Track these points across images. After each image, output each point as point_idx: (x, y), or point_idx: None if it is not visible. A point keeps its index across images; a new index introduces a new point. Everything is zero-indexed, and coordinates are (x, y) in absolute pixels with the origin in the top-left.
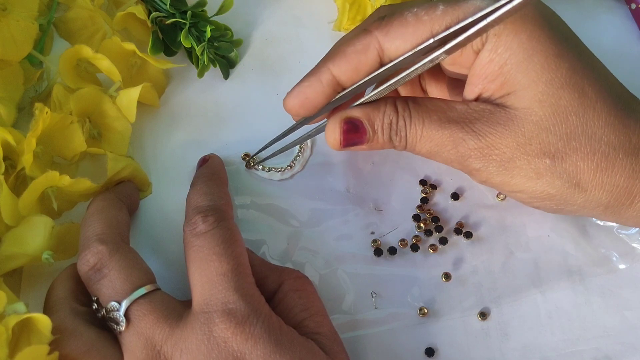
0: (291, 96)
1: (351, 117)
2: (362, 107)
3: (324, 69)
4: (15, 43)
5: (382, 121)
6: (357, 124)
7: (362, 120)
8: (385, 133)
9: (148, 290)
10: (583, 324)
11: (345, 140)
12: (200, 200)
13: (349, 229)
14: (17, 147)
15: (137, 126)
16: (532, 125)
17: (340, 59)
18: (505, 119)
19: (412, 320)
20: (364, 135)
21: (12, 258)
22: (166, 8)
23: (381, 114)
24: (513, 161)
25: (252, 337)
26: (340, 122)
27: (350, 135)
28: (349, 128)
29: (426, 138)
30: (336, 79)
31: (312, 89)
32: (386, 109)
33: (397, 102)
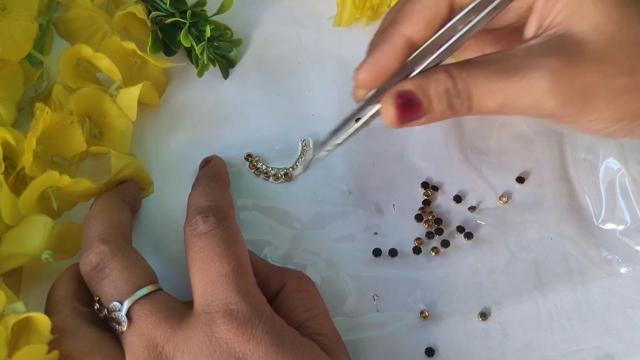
0: (365, 69)
1: (403, 90)
2: (413, 79)
3: (396, 34)
4: (15, 43)
5: (437, 88)
6: (410, 96)
7: (415, 91)
8: (443, 100)
9: (150, 291)
10: (584, 324)
11: (401, 116)
12: (201, 201)
13: (350, 230)
14: (17, 147)
15: (138, 126)
16: (605, 43)
17: (411, 19)
18: (575, 45)
19: (413, 323)
20: (420, 108)
21: (12, 258)
22: (166, 7)
23: (434, 82)
24: (592, 88)
25: (254, 338)
26: (392, 98)
27: (406, 111)
28: (403, 102)
29: (495, 91)
30: (409, 40)
31: (387, 55)
32: (439, 75)
33: (451, 67)
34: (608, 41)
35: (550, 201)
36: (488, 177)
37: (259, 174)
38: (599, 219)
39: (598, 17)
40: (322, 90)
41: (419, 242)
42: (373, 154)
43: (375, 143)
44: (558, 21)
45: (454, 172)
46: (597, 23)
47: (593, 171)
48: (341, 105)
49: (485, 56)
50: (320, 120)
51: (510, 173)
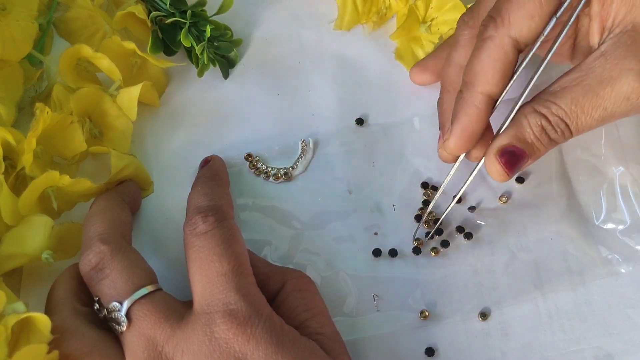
0: (455, 136)
1: (502, 146)
2: (506, 132)
3: (476, 95)
4: (15, 43)
5: (533, 132)
6: (511, 150)
7: (514, 144)
8: (543, 139)
9: (149, 291)
10: (584, 324)
11: (510, 170)
12: (200, 201)
13: (350, 230)
14: (17, 147)
15: (138, 126)
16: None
17: (485, 76)
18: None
19: (413, 323)
20: (524, 155)
21: (12, 258)
22: (166, 7)
23: (527, 127)
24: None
25: (254, 338)
26: (495, 157)
27: (512, 163)
28: (507, 158)
29: (590, 111)
30: (490, 96)
31: (474, 118)
32: (529, 119)
33: (535, 106)
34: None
35: (550, 201)
36: (488, 177)
37: (259, 173)
38: (599, 218)
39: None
40: (322, 90)
41: (418, 242)
42: (373, 154)
43: (375, 143)
44: (620, 18)
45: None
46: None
47: (593, 171)
48: (341, 105)
49: (562, 80)
50: (321, 120)
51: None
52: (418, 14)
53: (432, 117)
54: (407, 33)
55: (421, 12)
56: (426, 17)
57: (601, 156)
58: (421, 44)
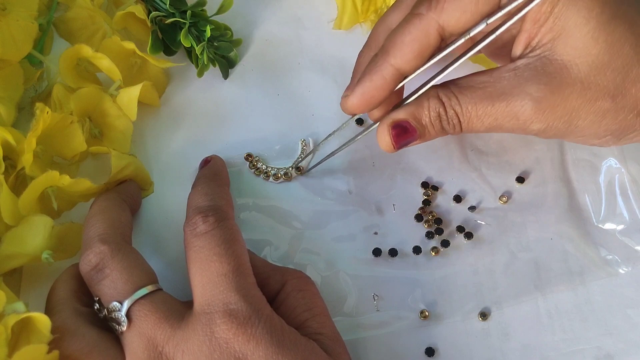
0: (355, 97)
1: (397, 119)
2: (406, 107)
3: (385, 65)
4: (15, 43)
5: (429, 116)
6: (404, 125)
7: (409, 120)
8: (436, 125)
9: (150, 291)
10: (584, 324)
11: (397, 143)
12: (200, 201)
13: (350, 230)
14: (17, 147)
15: (138, 126)
16: (588, 68)
17: (401, 50)
18: (558, 69)
19: (413, 323)
20: (415, 134)
21: (12, 258)
22: (166, 7)
23: (426, 110)
24: (575, 111)
25: (254, 338)
26: (388, 127)
27: (401, 137)
28: (398, 132)
29: (482, 117)
30: (399, 71)
31: (377, 86)
32: (430, 103)
33: (440, 93)
34: (592, 65)
35: (550, 201)
36: (488, 177)
37: (258, 173)
38: (599, 218)
39: (583, 40)
40: (322, 90)
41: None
42: (373, 154)
43: (375, 143)
44: (544, 42)
45: (454, 172)
46: (582, 47)
47: (593, 171)
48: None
49: (473, 78)
50: (320, 120)
51: (510, 173)
52: None
53: None
54: None
55: None
56: None
57: (601, 156)
58: None
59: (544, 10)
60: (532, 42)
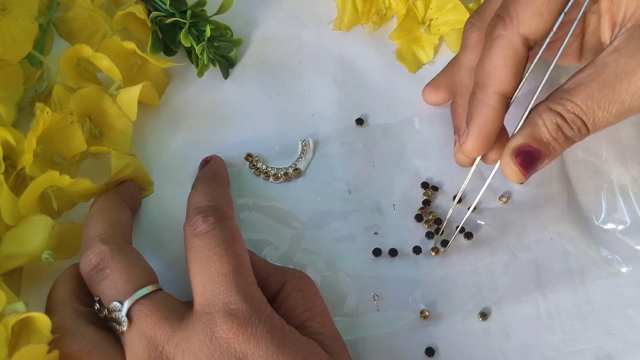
0: (472, 139)
1: (517, 146)
2: (521, 132)
3: (489, 96)
4: (15, 43)
5: (548, 130)
6: (526, 150)
7: (529, 144)
8: (559, 137)
9: (150, 291)
10: (584, 324)
11: (526, 170)
12: (200, 201)
13: (350, 230)
14: (17, 147)
15: (138, 126)
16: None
17: (498, 76)
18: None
19: (413, 323)
20: (540, 155)
21: (12, 257)
22: (166, 7)
23: (542, 126)
24: None
25: (255, 338)
26: (511, 157)
27: (528, 163)
28: (523, 158)
29: (607, 106)
30: (504, 95)
31: (489, 119)
32: (543, 118)
33: (550, 104)
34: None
35: (550, 201)
36: (488, 177)
37: (258, 173)
38: (599, 219)
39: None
40: (322, 90)
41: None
42: (373, 154)
43: (375, 143)
44: (631, 13)
45: (454, 172)
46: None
47: (593, 171)
48: (341, 105)
49: (576, 77)
50: (321, 120)
51: None
52: (417, 14)
53: (432, 117)
54: (407, 33)
55: (420, 12)
56: (425, 17)
57: (601, 156)
58: (422, 45)
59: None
60: (618, 18)
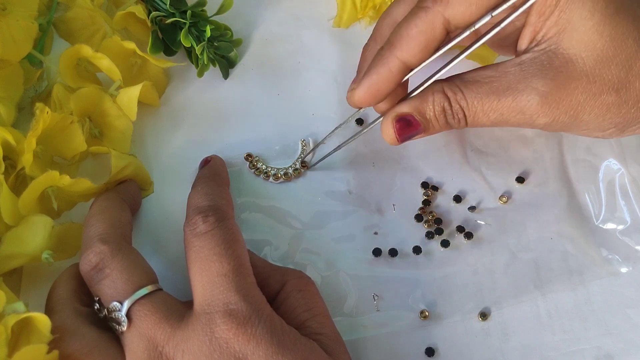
0: (361, 90)
1: (401, 113)
2: (410, 101)
3: (391, 58)
4: (15, 43)
5: (434, 110)
6: (408, 118)
7: (413, 114)
8: (440, 120)
9: (150, 291)
10: (584, 324)
11: (400, 136)
12: (200, 201)
13: (350, 230)
14: (17, 147)
15: (138, 126)
16: (593, 61)
17: (407, 44)
18: (564, 63)
19: (413, 323)
20: (418, 127)
21: (12, 257)
22: (166, 7)
23: (430, 104)
24: (581, 105)
25: (254, 338)
26: (392, 120)
27: (405, 130)
28: (402, 125)
29: (488, 111)
30: (405, 64)
31: (383, 79)
32: (435, 98)
33: (445, 87)
34: (597, 58)
35: (550, 201)
36: (488, 177)
37: (258, 173)
38: (599, 218)
39: (588, 34)
40: (322, 89)
41: None
42: (373, 154)
43: (375, 143)
44: (549, 36)
45: (454, 172)
46: (587, 40)
47: (593, 171)
48: (341, 105)
49: (478, 73)
50: (321, 119)
51: (510, 173)
52: None
53: None
54: None
55: None
56: None
57: (601, 156)
58: None
59: (549, 4)
60: (538, 35)
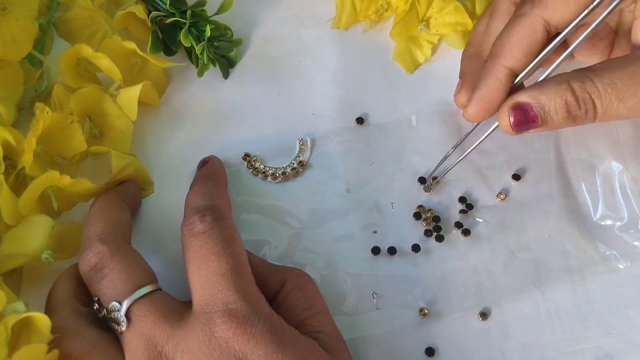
0: (474, 105)
1: (519, 102)
2: (530, 90)
3: (498, 67)
4: (15, 43)
5: (556, 101)
6: (526, 109)
7: (531, 104)
8: (561, 112)
9: (149, 290)
10: (584, 323)
11: (516, 126)
12: (198, 201)
13: (349, 229)
14: (17, 147)
15: (138, 126)
16: None
17: (511, 51)
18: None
19: (413, 321)
20: (536, 120)
21: (12, 257)
22: (166, 7)
23: (552, 95)
24: None
25: (254, 337)
26: (509, 109)
27: (522, 121)
28: (519, 114)
29: (625, 98)
30: (512, 70)
31: (494, 89)
32: (558, 87)
33: (571, 78)
34: None
35: (548, 199)
36: (486, 174)
37: (257, 173)
38: (597, 215)
39: None
40: (322, 89)
41: None
42: (372, 153)
43: (374, 142)
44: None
45: (453, 170)
46: None
47: (591, 170)
48: (342, 104)
49: (607, 62)
50: (321, 119)
51: (508, 171)
52: (419, 10)
53: (430, 115)
54: (406, 30)
55: (422, 9)
56: (425, 15)
57: (599, 156)
58: (419, 45)
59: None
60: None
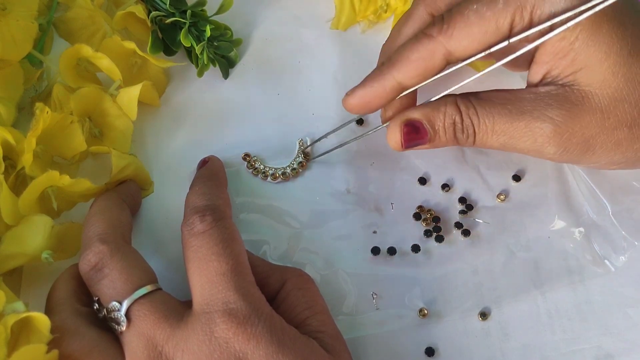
0: (352, 98)
1: (411, 119)
2: (422, 108)
3: (388, 77)
4: (15, 43)
5: (444, 121)
6: (417, 125)
7: (422, 121)
8: (448, 132)
9: (149, 290)
10: (584, 323)
11: (406, 142)
12: (198, 200)
13: (349, 229)
14: (17, 147)
15: (138, 126)
16: (608, 99)
17: (406, 67)
18: (579, 98)
19: (412, 321)
20: (425, 136)
21: (12, 257)
22: (166, 7)
23: (442, 115)
24: (593, 138)
25: (254, 337)
26: (400, 124)
27: (411, 137)
28: (409, 130)
29: (499, 132)
30: (400, 84)
31: (375, 94)
32: (447, 109)
33: (459, 101)
34: (611, 97)
35: (547, 199)
36: (486, 175)
37: (256, 173)
38: (597, 215)
39: (604, 74)
40: (322, 89)
41: None
42: (372, 153)
43: (374, 142)
44: (565, 74)
45: (453, 170)
46: (603, 80)
47: (590, 171)
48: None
49: (493, 93)
50: (321, 119)
51: (507, 171)
52: None
53: None
54: None
55: None
56: None
57: None
58: None
59: (564, 45)
60: (552, 72)
